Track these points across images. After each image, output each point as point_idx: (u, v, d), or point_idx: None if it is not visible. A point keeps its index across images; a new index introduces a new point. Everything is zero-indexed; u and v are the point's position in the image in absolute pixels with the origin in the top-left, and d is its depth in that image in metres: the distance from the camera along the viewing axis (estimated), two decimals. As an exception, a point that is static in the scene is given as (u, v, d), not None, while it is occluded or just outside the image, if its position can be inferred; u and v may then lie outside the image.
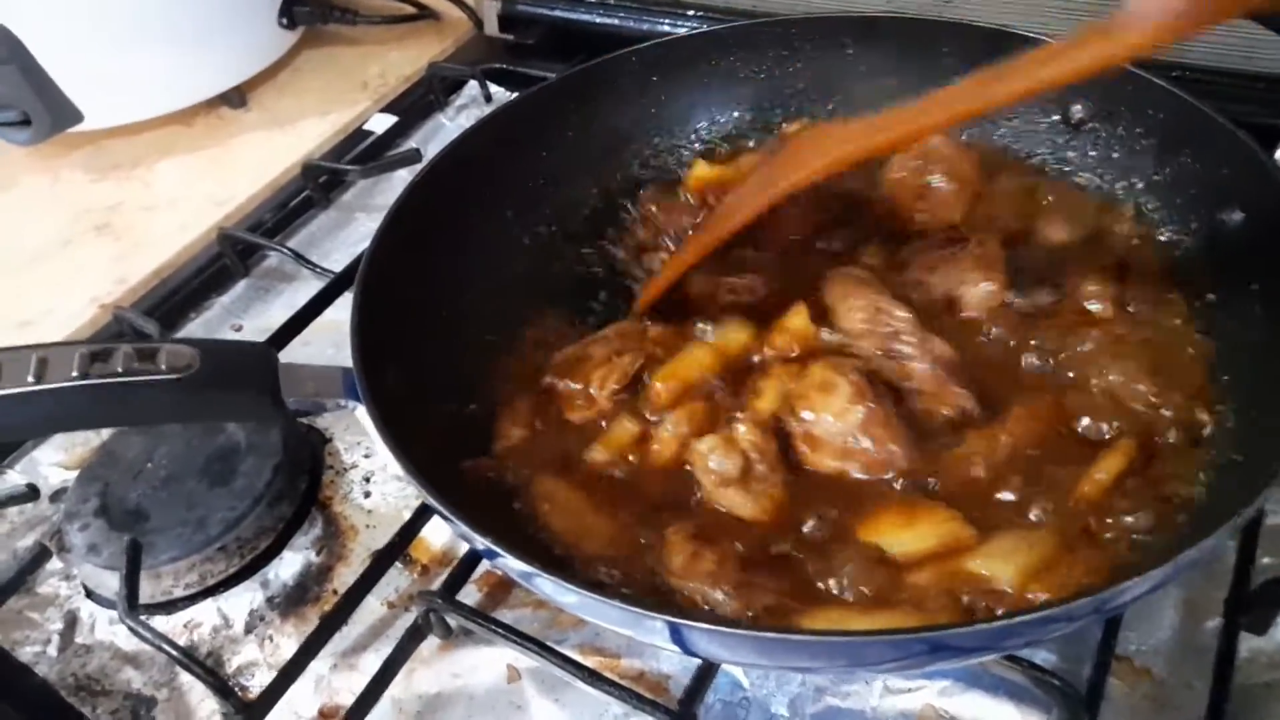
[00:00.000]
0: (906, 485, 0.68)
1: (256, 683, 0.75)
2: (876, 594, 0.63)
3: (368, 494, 0.87)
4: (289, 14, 1.37)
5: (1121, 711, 0.66)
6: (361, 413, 0.65)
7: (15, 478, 0.91)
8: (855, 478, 0.68)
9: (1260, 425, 0.63)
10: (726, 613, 0.61)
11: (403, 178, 1.19)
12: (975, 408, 0.69)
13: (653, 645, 0.69)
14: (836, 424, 0.68)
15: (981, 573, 0.61)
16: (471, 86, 1.32)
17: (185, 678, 0.75)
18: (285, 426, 0.86)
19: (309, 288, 1.06)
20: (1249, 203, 0.69)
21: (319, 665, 0.74)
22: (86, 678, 0.77)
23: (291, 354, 0.96)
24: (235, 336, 1.05)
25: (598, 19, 1.34)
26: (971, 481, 0.67)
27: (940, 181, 0.85)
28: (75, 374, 0.56)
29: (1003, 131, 0.90)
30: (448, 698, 0.72)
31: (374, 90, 1.36)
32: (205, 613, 0.80)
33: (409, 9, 1.47)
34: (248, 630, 0.79)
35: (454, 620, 0.73)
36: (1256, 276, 0.69)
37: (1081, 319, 0.75)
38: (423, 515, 0.81)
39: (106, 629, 0.79)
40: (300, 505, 0.85)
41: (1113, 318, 0.74)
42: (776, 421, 0.71)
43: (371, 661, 0.74)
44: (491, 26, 1.43)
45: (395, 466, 0.86)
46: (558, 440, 0.74)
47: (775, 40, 0.93)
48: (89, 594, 0.82)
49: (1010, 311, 0.76)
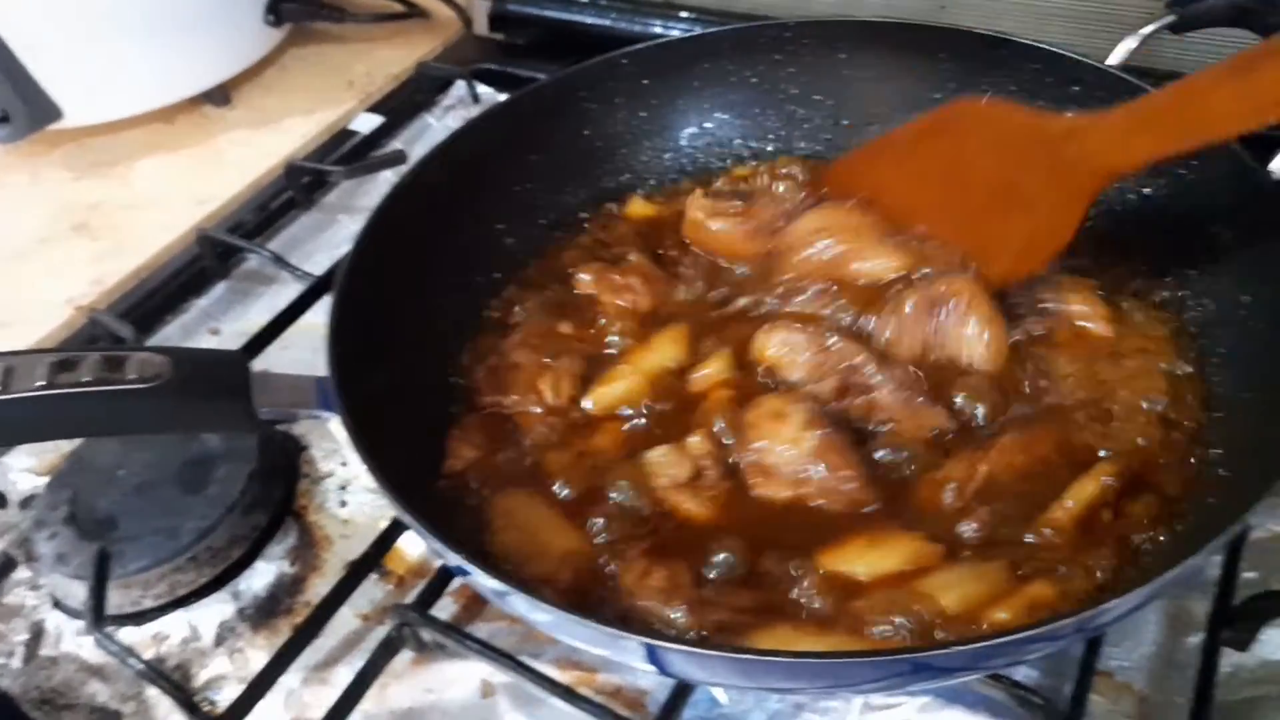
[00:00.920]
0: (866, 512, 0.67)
1: (225, 696, 0.74)
2: (832, 613, 0.62)
3: (344, 503, 0.85)
4: (275, 11, 1.35)
5: (1105, 729, 0.65)
6: (336, 422, 0.64)
7: (-15, 483, 0.90)
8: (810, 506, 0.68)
9: (1248, 441, 0.62)
10: (679, 629, 0.60)
11: (387, 179, 1.17)
12: (951, 423, 0.68)
13: (628, 665, 0.68)
14: (789, 451, 0.67)
15: (933, 596, 0.61)
16: (459, 86, 1.31)
17: (153, 691, 0.74)
18: (260, 434, 0.85)
19: (289, 291, 1.04)
20: (1241, 215, 0.68)
21: (289, 679, 0.72)
22: (51, 691, 0.75)
23: (270, 358, 0.95)
24: (213, 340, 1.04)
25: (589, 20, 1.33)
26: (937, 507, 0.66)
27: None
28: (42, 383, 0.55)
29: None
30: (421, 713, 0.71)
31: (360, 89, 1.35)
32: (175, 624, 0.78)
33: (398, 7, 1.45)
34: (218, 642, 0.77)
35: (428, 634, 0.71)
36: (1248, 289, 0.68)
37: (1075, 338, 0.74)
38: (399, 526, 0.79)
39: (73, 640, 0.78)
40: (274, 514, 0.84)
41: (1107, 336, 0.74)
42: (724, 449, 0.70)
43: (343, 675, 0.72)
44: (481, 26, 1.42)
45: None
46: (512, 456, 0.74)
47: (770, 44, 0.91)
48: (56, 604, 0.80)
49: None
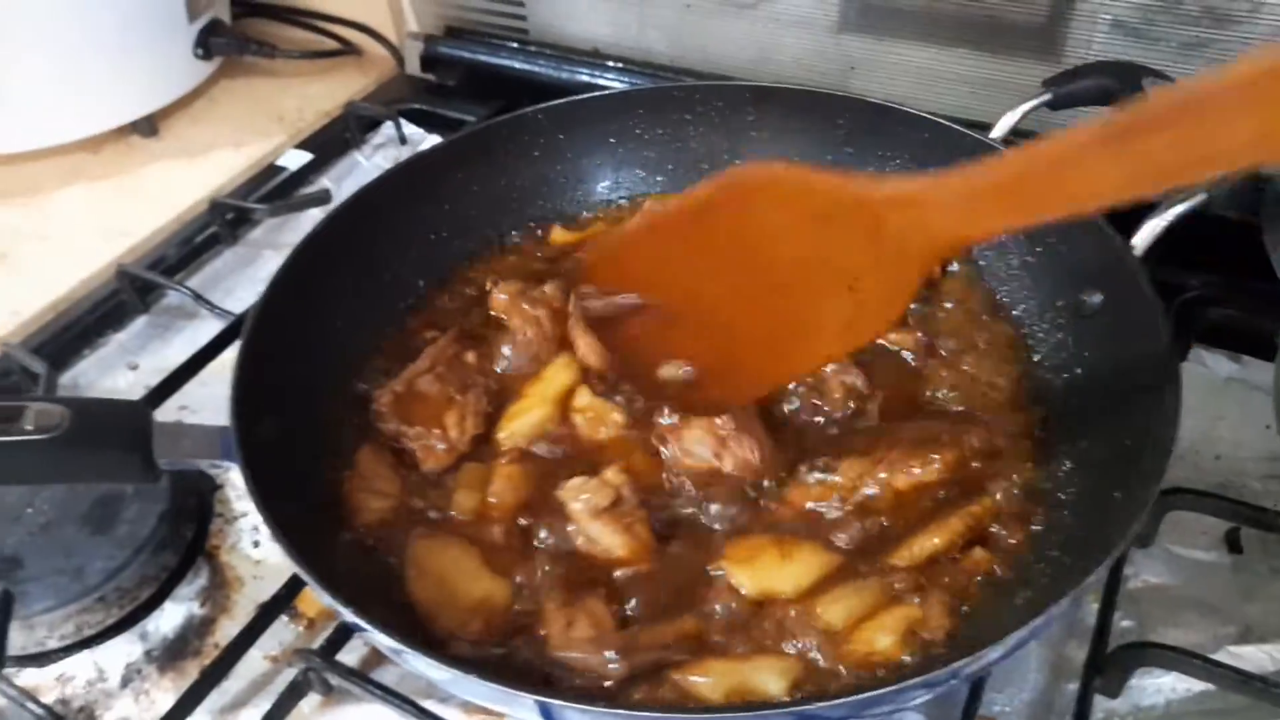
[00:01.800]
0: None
1: (129, 740, 0.73)
2: (756, 638, 0.65)
3: (256, 543, 0.86)
4: (205, 45, 1.35)
5: (983, 772, 0.68)
6: (233, 473, 0.65)
7: (-114, 519, 0.88)
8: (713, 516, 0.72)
9: (1100, 491, 0.66)
10: (615, 678, 0.62)
11: (313, 216, 1.18)
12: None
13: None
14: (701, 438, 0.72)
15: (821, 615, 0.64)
16: (389, 126, 1.32)
17: (53, 735, 0.73)
18: (150, 484, 0.85)
19: (209, 327, 1.04)
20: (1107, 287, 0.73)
21: (195, 721, 0.73)
22: (-51, 734, 0.74)
23: (188, 396, 0.95)
24: (131, 374, 1.03)
25: (519, 65, 1.36)
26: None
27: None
28: (-72, 432, 0.55)
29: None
30: (327, 757, 0.72)
31: (290, 125, 1.35)
32: (80, 665, 0.78)
33: (331, 44, 1.47)
34: (124, 684, 0.77)
35: (334, 679, 0.72)
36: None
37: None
38: (310, 569, 0.80)
39: (-27, 682, 0.77)
40: (185, 554, 0.84)
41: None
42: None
43: (250, 718, 0.72)
44: (413, 66, 1.44)
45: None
46: (416, 498, 0.75)
47: (680, 104, 0.95)
48: (-43, 645, 0.79)
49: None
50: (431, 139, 1.30)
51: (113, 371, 1.04)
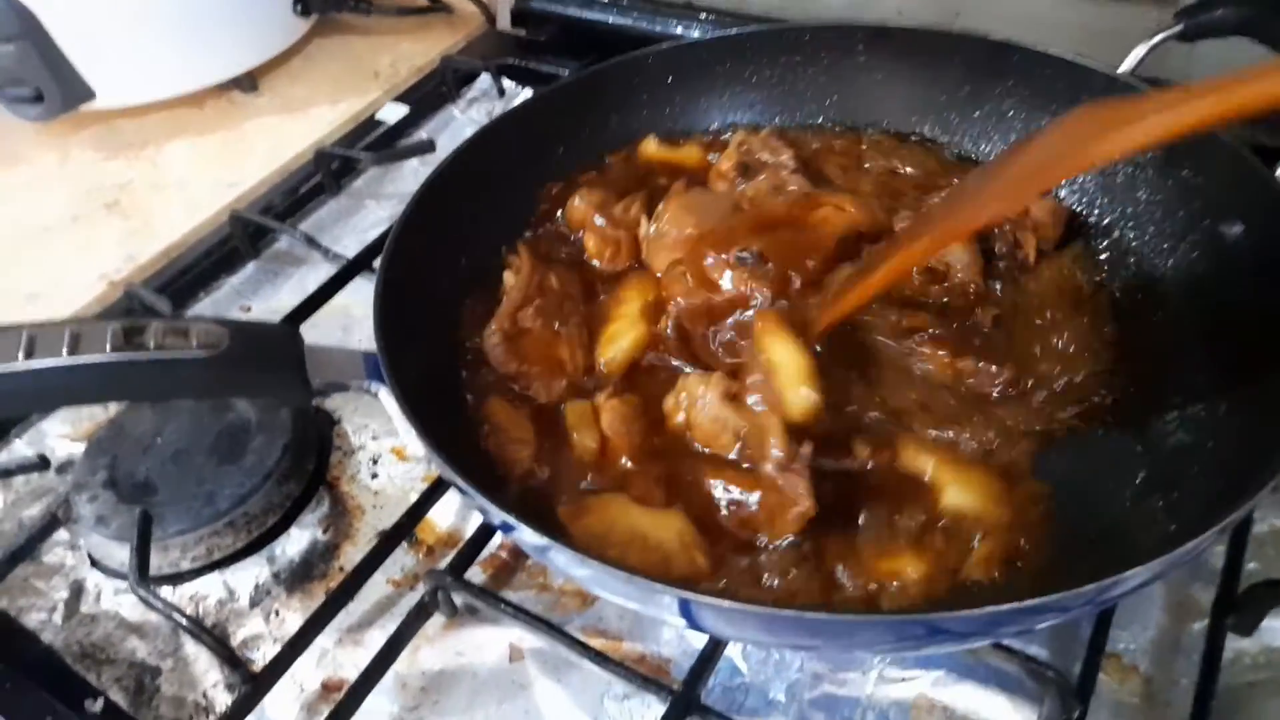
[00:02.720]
0: None
1: (261, 655, 0.76)
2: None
3: (374, 475, 0.88)
4: (303, 1, 1.38)
5: (1109, 706, 0.68)
6: (370, 399, 0.66)
7: (22, 448, 0.92)
8: None
9: (1258, 428, 0.65)
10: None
11: (414, 167, 1.20)
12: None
13: (659, 619, 0.71)
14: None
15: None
16: (484, 79, 1.33)
17: (190, 648, 0.76)
18: (304, 403, 0.87)
19: (317, 272, 1.07)
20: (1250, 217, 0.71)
21: (324, 640, 0.75)
22: (91, 646, 0.78)
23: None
24: (244, 317, 1.06)
25: (610, 19, 1.36)
26: None
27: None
28: (109, 348, 0.57)
29: (1011, 139, 0.92)
30: (451, 675, 0.73)
31: (386, 80, 1.37)
32: (212, 585, 0.81)
33: (423, 1, 1.49)
34: (253, 604, 0.80)
35: (460, 599, 0.74)
36: (1258, 289, 0.71)
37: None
38: (429, 498, 0.82)
39: (111, 599, 0.80)
40: (308, 484, 0.86)
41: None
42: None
43: (376, 638, 0.75)
44: (504, 21, 1.45)
45: (404, 450, 0.88)
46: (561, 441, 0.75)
47: (790, 46, 0.94)
48: (94, 564, 0.82)
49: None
50: (526, 93, 1.31)
51: (227, 313, 1.07)
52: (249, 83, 1.37)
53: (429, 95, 1.34)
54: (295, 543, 0.83)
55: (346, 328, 1.01)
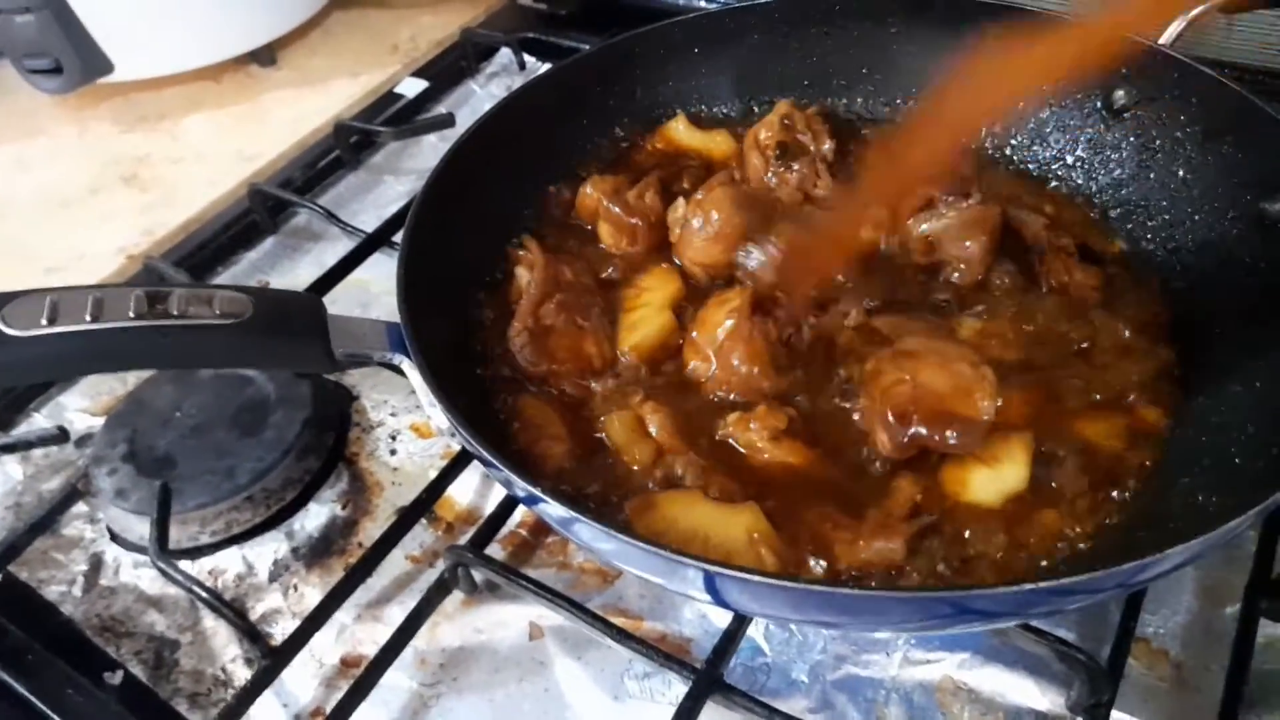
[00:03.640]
0: None
1: (280, 630, 0.76)
2: None
3: (393, 451, 0.87)
4: (322, -26, 1.37)
5: (1139, 690, 0.67)
6: (389, 374, 0.65)
7: (41, 421, 0.92)
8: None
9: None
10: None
11: (433, 142, 1.19)
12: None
13: (683, 595, 0.70)
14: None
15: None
16: (504, 54, 1.32)
17: (209, 622, 0.76)
18: (313, 382, 0.87)
19: (335, 247, 1.06)
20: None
21: (343, 615, 0.75)
22: (111, 619, 0.77)
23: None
24: (262, 292, 1.06)
25: (632, -8, 1.34)
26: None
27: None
28: (132, 314, 0.57)
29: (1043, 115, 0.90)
30: (471, 652, 0.73)
31: (405, 54, 1.36)
32: (230, 560, 0.80)
33: (442, -26, 1.47)
34: (272, 579, 0.79)
35: (480, 575, 0.74)
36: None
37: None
38: (449, 474, 0.81)
39: (131, 572, 0.80)
40: (327, 460, 0.86)
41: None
42: None
43: (395, 614, 0.74)
44: (524, -5, 1.43)
45: (422, 427, 0.88)
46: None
47: (819, 17, 0.93)
48: (114, 537, 0.82)
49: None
50: (547, 68, 1.29)
51: (246, 288, 1.06)
52: (267, 56, 1.36)
53: (448, 69, 1.32)
54: (314, 518, 0.83)
55: (365, 304, 1.00)
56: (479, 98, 1.29)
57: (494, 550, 0.77)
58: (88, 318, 0.55)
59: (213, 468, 0.82)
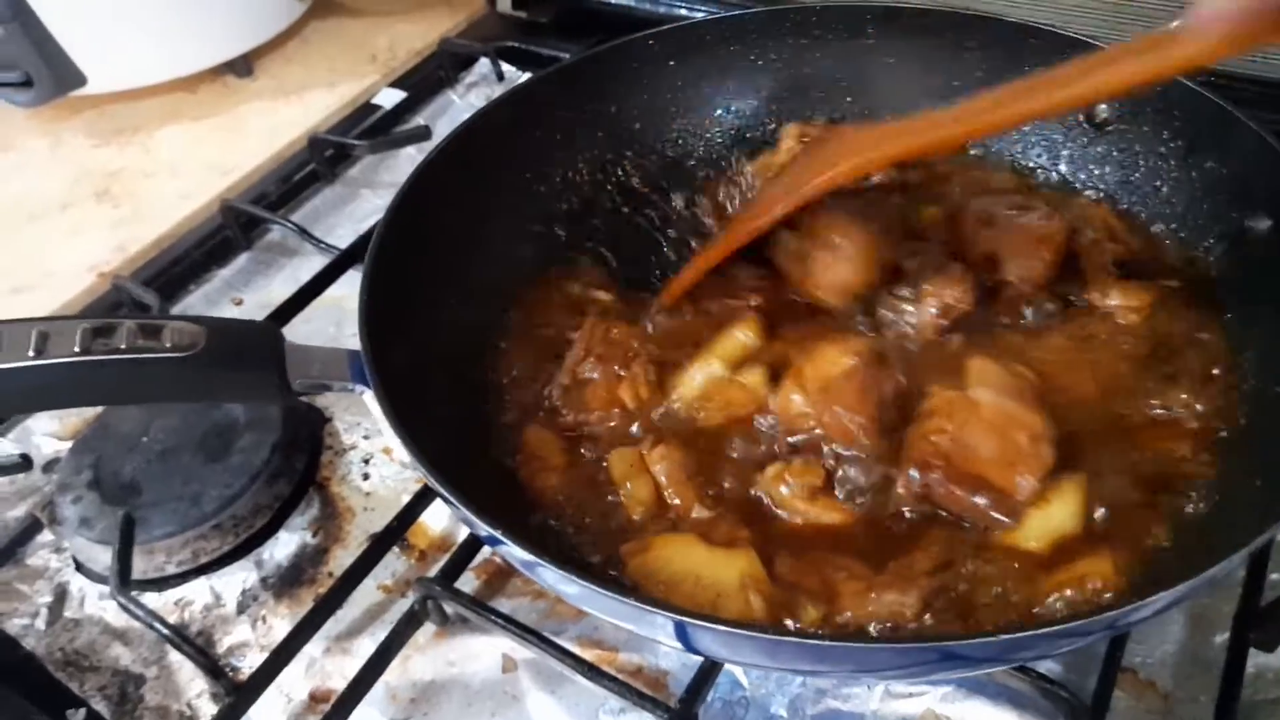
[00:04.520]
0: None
1: (247, 663, 0.74)
2: None
3: (366, 476, 0.86)
4: (299, -18, 1.35)
5: (1127, 723, 0.65)
6: (366, 396, 0.64)
7: (7, 446, 0.90)
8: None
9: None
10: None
11: (410, 155, 1.17)
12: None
13: (654, 641, 0.68)
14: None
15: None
16: (483, 64, 1.30)
17: (175, 656, 0.74)
18: (285, 405, 0.85)
19: (311, 263, 1.04)
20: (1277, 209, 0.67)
21: (312, 648, 0.73)
22: (75, 653, 0.75)
23: (293, 331, 0.93)
24: (236, 310, 1.04)
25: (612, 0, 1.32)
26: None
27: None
28: (77, 349, 0.55)
29: (1025, 129, 0.88)
30: (442, 685, 0.71)
31: (383, 64, 1.34)
32: (197, 590, 0.78)
33: (421, -18, 1.45)
34: (240, 610, 0.77)
35: (451, 608, 0.72)
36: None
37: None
38: (422, 500, 0.79)
39: (96, 604, 0.78)
40: (298, 485, 0.84)
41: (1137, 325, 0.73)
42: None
43: (366, 646, 0.72)
44: (504, 3, 1.41)
45: (397, 450, 0.86)
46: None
47: (796, 28, 0.91)
48: (79, 567, 0.80)
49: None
50: (526, 78, 1.27)
51: (218, 306, 1.04)
52: (244, 66, 1.34)
53: (427, 79, 1.30)
54: (284, 546, 0.81)
55: (339, 323, 0.98)
56: (458, 108, 1.27)
57: (467, 579, 0.75)
58: (30, 353, 0.53)
59: (179, 494, 0.80)
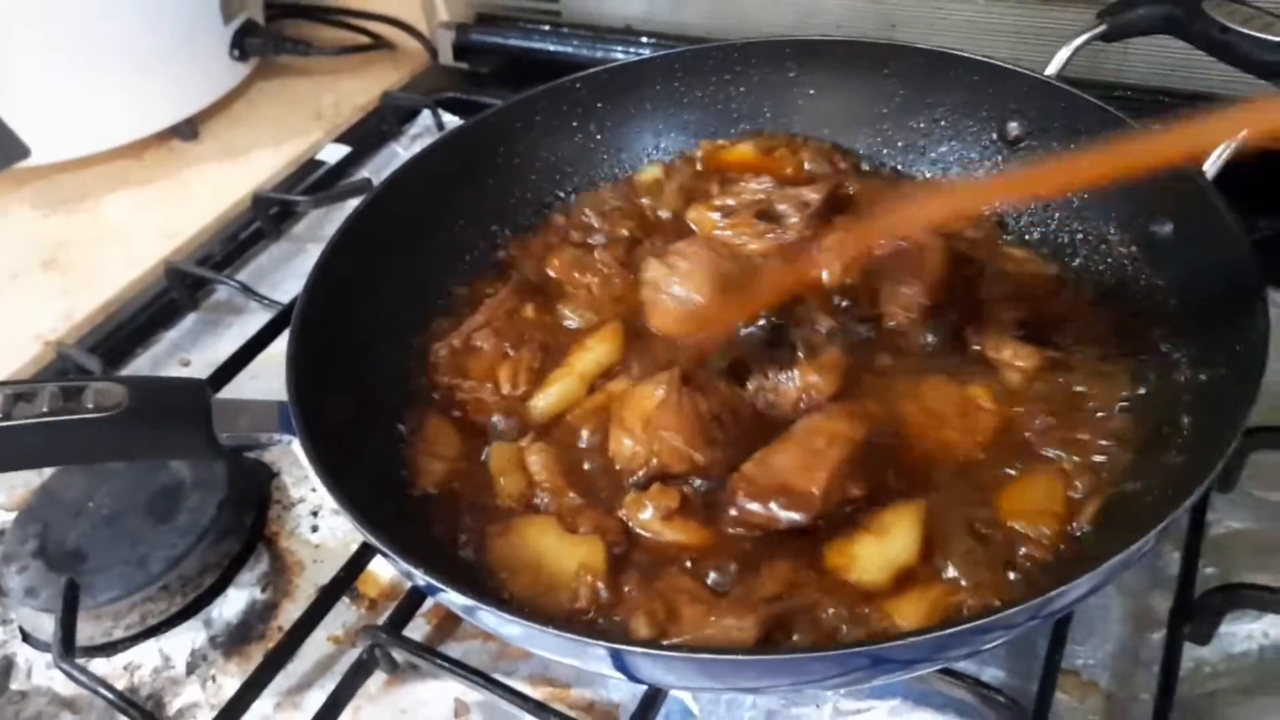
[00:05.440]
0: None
1: (198, 725, 0.73)
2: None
3: (315, 528, 0.86)
4: (240, 45, 1.36)
5: (1070, 727, 0.66)
6: (295, 445, 0.64)
7: (-46, 519, 0.89)
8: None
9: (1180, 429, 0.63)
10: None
11: (353, 208, 1.18)
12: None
13: (599, 673, 0.69)
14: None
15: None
16: (425, 116, 1.32)
17: (125, 721, 0.74)
18: (230, 461, 0.85)
19: (258, 320, 1.04)
20: (1179, 215, 0.70)
21: (262, 704, 0.72)
22: (23, 724, 0.75)
23: (239, 388, 0.95)
24: (183, 370, 1.04)
25: (552, 47, 1.36)
26: None
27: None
28: (-1, 416, 0.55)
29: (942, 149, 0.91)
30: (394, 734, 0.71)
31: (328, 120, 1.36)
32: (146, 654, 0.78)
33: (363, 39, 1.47)
34: (189, 670, 0.77)
35: (400, 655, 0.72)
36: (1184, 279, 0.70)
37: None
38: (369, 549, 0.79)
39: (44, 673, 0.78)
40: (246, 541, 0.84)
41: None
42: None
43: (316, 698, 0.72)
44: (446, 56, 1.44)
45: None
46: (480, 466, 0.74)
47: (719, 65, 0.93)
48: (26, 638, 0.80)
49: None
50: (458, 125, 1.29)
51: (166, 368, 1.05)
52: (189, 130, 1.35)
53: (371, 134, 1.32)
54: (233, 604, 0.80)
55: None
56: (402, 159, 1.27)
57: (418, 624, 0.75)
58: (-52, 420, 0.54)
59: (126, 558, 0.80)
